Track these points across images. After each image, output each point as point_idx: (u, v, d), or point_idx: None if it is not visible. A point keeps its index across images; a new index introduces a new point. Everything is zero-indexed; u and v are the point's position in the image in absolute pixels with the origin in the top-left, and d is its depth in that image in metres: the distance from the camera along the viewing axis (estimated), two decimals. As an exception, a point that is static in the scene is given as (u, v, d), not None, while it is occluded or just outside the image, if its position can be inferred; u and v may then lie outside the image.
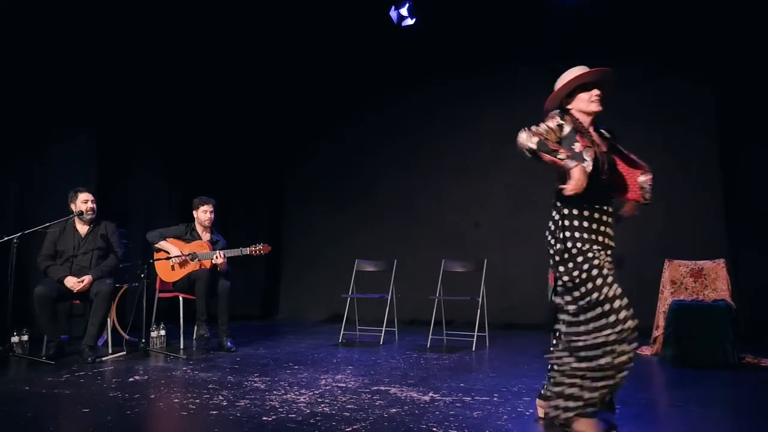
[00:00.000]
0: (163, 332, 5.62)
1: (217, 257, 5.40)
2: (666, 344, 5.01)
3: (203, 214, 5.65)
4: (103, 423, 3.03)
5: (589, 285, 2.71)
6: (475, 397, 3.62)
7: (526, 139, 2.72)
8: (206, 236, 5.69)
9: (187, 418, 3.17)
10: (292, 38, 8.12)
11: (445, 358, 5.15)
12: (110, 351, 5.19)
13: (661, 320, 5.30)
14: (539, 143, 2.69)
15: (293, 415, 3.16)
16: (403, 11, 7.30)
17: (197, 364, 4.75)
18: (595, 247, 2.78)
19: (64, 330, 5.61)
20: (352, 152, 8.43)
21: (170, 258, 5.46)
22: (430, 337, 5.91)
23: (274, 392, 3.72)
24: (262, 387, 3.87)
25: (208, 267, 5.44)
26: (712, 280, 5.35)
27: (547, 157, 2.69)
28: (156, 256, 5.57)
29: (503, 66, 7.61)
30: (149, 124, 7.32)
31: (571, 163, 2.63)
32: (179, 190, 7.58)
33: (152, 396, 3.62)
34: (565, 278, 2.79)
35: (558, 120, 2.82)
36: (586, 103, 2.88)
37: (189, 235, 5.66)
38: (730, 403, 3.73)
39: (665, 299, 5.36)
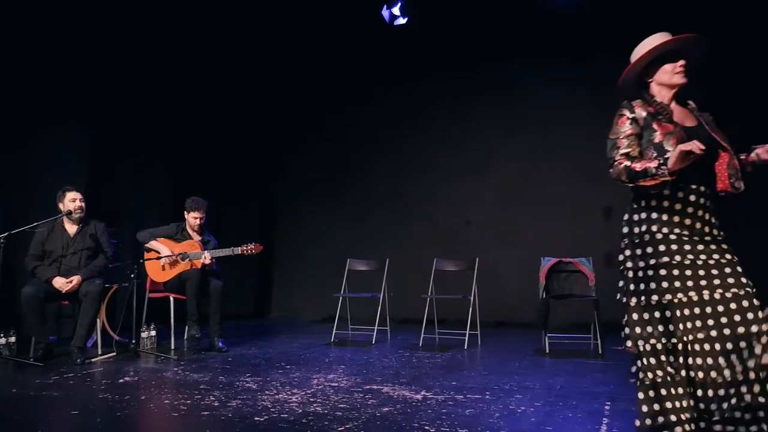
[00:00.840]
0: (153, 333, 5.58)
1: (205, 257, 5.37)
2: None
3: (193, 219, 5.62)
4: (92, 425, 3.01)
5: (652, 284, 2.32)
6: (467, 395, 3.63)
7: (618, 176, 2.38)
8: (197, 236, 5.66)
9: (178, 419, 3.15)
10: (285, 37, 8.10)
11: (437, 357, 5.15)
12: (100, 352, 5.15)
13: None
14: (629, 175, 2.33)
15: (285, 415, 3.15)
16: (395, 10, 7.29)
17: (188, 364, 4.72)
18: (676, 231, 2.33)
19: (53, 331, 5.55)
20: (344, 151, 8.42)
21: (160, 258, 5.43)
22: (422, 335, 5.90)
23: (266, 392, 3.70)
24: (254, 387, 3.86)
25: (199, 267, 5.41)
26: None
27: (648, 182, 2.30)
28: (146, 256, 5.53)
29: (497, 65, 7.62)
30: (141, 122, 7.25)
31: (663, 170, 2.24)
32: (171, 189, 7.52)
33: (143, 397, 3.60)
34: (629, 264, 2.41)
35: (627, 114, 2.47)
36: (669, 75, 2.47)
37: (180, 234, 5.63)
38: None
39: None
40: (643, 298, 2.34)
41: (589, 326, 5.56)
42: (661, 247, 2.32)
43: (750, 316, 2.20)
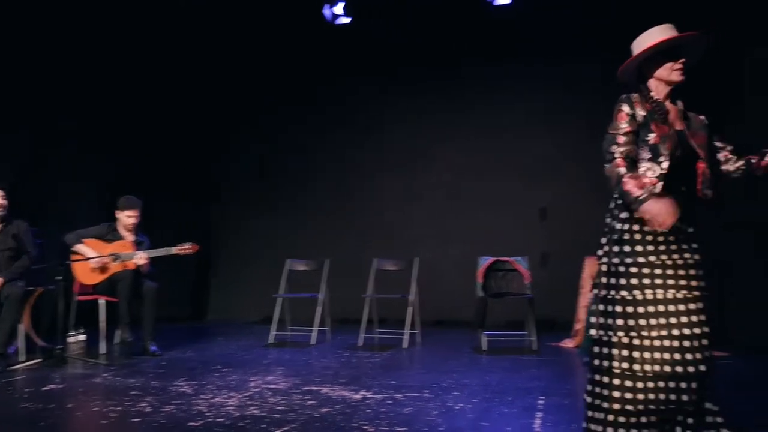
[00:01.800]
0: (82, 337, 5.35)
1: (140, 257, 5.20)
2: (586, 336, 5.19)
3: (127, 219, 5.41)
4: (14, 435, 2.86)
5: (622, 280, 2.39)
6: (406, 394, 3.64)
7: (610, 175, 2.41)
8: (130, 236, 5.46)
9: (108, 426, 3.03)
10: (226, 35, 7.94)
11: (376, 357, 5.15)
12: (23, 359, 4.90)
13: (582, 314, 5.51)
14: (618, 184, 2.36)
15: (221, 419, 3.08)
16: (338, 9, 7.24)
17: (119, 370, 4.55)
18: (655, 231, 2.36)
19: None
20: (284, 151, 8.31)
21: (89, 259, 5.21)
22: (362, 335, 5.89)
23: (202, 396, 3.61)
24: (189, 391, 3.76)
25: (131, 268, 5.23)
26: (631, 275, 5.59)
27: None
28: (74, 257, 5.30)
29: (439, 65, 7.68)
30: (69, 117, 6.95)
31: (637, 208, 2.31)
32: (101, 188, 7.24)
33: (69, 405, 3.45)
34: (604, 259, 2.47)
35: (626, 110, 2.44)
36: (668, 72, 2.45)
37: (110, 235, 5.41)
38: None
39: (586, 294, 5.56)
40: (612, 291, 2.41)
41: (524, 323, 5.69)
42: (638, 248, 2.37)
43: (702, 317, 2.32)
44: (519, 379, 4.11)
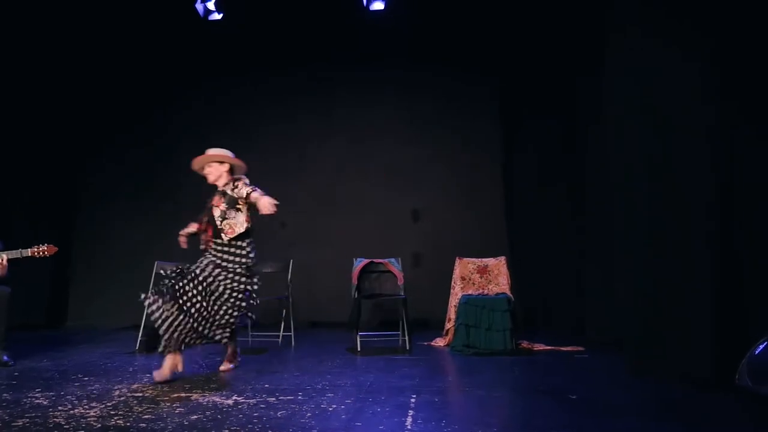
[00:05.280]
0: None
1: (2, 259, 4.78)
2: (456, 335, 5.46)
3: None
4: None
5: None
6: (280, 397, 3.64)
7: None
8: (-23, 237, 5.00)
9: (-51, 445, 2.77)
10: (94, 33, 7.51)
11: (250, 360, 5.09)
12: None
13: (452, 313, 5.76)
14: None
15: (81, 431, 2.92)
16: (210, 5, 7.07)
17: (-37, 382, 4.16)
18: None
19: None
20: (151, 154, 7.96)
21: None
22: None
23: (60, 408, 3.39)
24: (45, 403, 3.51)
25: (-22, 272, 4.79)
26: (495, 276, 5.95)
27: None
28: None
29: (312, 67, 7.73)
30: None
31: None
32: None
33: None
34: None
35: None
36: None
37: (-43, 236, 4.93)
38: (510, 383, 4.17)
39: (456, 294, 5.84)
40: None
41: (398, 324, 5.86)
42: None
43: None
44: (392, 378, 4.23)
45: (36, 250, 4.90)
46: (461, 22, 7.39)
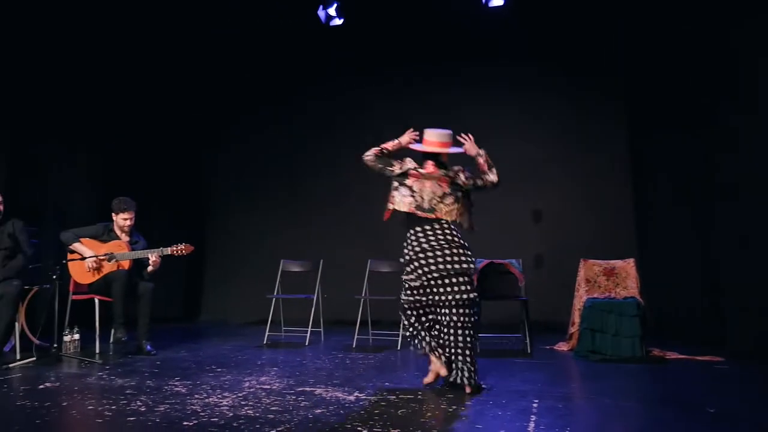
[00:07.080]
0: (77, 336, 5.35)
1: (151, 256, 5.21)
2: (581, 340, 5.23)
3: (122, 221, 5.41)
4: (9, 433, 2.87)
5: None
6: (400, 396, 3.67)
7: None
8: (125, 237, 5.47)
9: (102, 425, 3.05)
10: (221, 35, 7.99)
11: (370, 358, 5.18)
12: (18, 357, 4.90)
13: (576, 317, 5.53)
14: None
15: (215, 419, 3.10)
16: (331, 11, 7.33)
17: (114, 369, 4.56)
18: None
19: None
20: (278, 151, 8.31)
21: (85, 259, 5.21)
22: (356, 336, 5.92)
23: (196, 396, 3.63)
24: (183, 391, 3.77)
25: (126, 268, 5.24)
26: (623, 279, 5.64)
27: None
28: (70, 256, 5.30)
29: (435, 64, 7.71)
30: (63, 117, 6.95)
31: None
32: (97, 189, 7.25)
33: (64, 403, 3.45)
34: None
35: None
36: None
37: (106, 235, 5.42)
38: (639, 393, 3.94)
39: (581, 297, 5.59)
40: None
41: (516, 326, 5.71)
42: None
43: None
44: (513, 382, 4.12)
45: (175, 249, 5.29)
46: (583, 23, 7.13)
